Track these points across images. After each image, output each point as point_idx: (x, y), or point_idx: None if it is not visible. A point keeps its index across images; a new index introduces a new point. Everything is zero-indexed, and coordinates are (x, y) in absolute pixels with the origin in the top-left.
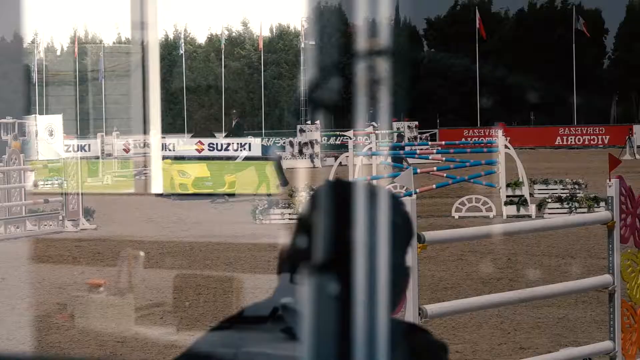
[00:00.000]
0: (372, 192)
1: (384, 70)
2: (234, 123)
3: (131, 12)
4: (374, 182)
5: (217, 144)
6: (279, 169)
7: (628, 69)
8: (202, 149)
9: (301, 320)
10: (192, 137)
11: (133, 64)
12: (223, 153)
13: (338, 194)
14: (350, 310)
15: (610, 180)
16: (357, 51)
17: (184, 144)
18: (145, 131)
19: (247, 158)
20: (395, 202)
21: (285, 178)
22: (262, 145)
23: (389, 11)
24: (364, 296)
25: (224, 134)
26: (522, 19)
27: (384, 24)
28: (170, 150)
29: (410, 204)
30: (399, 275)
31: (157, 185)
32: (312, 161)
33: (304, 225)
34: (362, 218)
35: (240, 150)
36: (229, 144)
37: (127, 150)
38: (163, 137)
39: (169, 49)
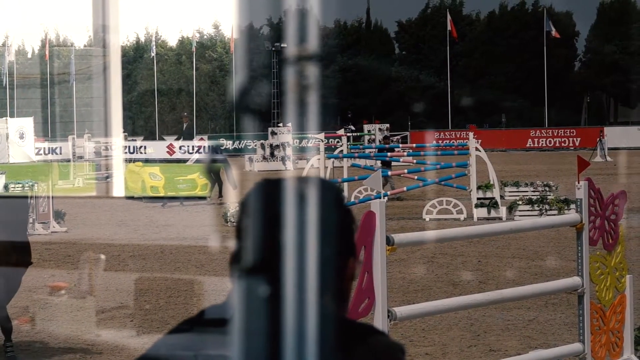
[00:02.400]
0: (301, 186)
1: (313, 75)
2: (184, 126)
3: (93, 15)
4: (305, 175)
5: (188, 146)
6: (228, 171)
7: (599, 71)
8: (174, 152)
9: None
10: (144, 140)
11: (102, 66)
12: (196, 155)
13: (266, 194)
14: (281, 311)
15: (579, 183)
16: (287, 56)
17: (153, 146)
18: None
19: (197, 161)
20: (327, 192)
21: (234, 181)
22: (209, 146)
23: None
24: (294, 295)
25: (174, 137)
26: (493, 22)
27: (313, 28)
28: (141, 153)
29: (379, 207)
30: (340, 266)
31: (119, 188)
32: (284, 164)
33: (240, 229)
34: (291, 215)
35: (214, 152)
36: (200, 147)
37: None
38: (134, 140)
39: (140, 51)
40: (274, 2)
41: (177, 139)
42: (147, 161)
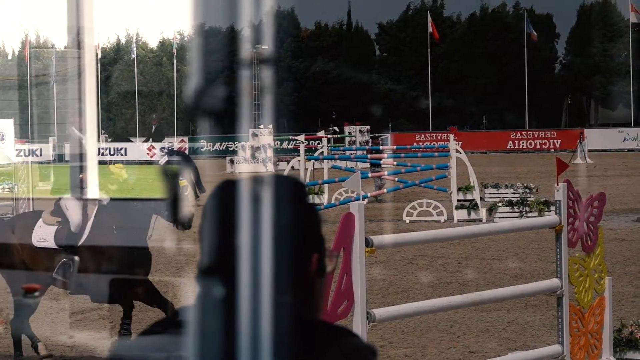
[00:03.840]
0: (262, 185)
1: (267, 77)
2: (153, 128)
3: (67, 16)
4: (266, 174)
5: (169, 148)
6: (196, 174)
7: (579, 73)
8: (154, 154)
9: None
10: (112, 141)
11: (81, 68)
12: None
13: (226, 195)
14: (240, 311)
15: (558, 185)
16: (240, 59)
17: (134, 148)
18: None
19: (168, 162)
20: (288, 189)
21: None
22: (163, 148)
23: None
24: (252, 295)
25: (142, 139)
26: (474, 24)
27: (268, 31)
28: (122, 154)
29: (358, 209)
30: (303, 263)
31: (93, 190)
32: (265, 165)
33: (201, 231)
34: (249, 215)
35: (170, 155)
36: (181, 148)
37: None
38: (112, 141)
39: (121, 53)
40: (256, 4)
41: (145, 141)
42: (127, 163)
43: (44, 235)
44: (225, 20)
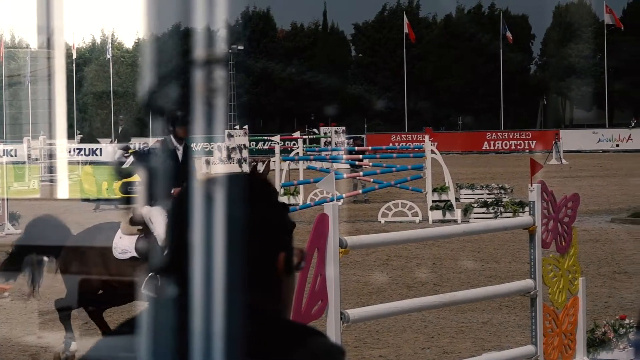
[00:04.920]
0: (225, 186)
1: (219, 78)
2: (120, 129)
3: (37, 16)
4: (232, 174)
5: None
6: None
7: (554, 74)
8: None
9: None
10: (80, 142)
11: (54, 68)
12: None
13: (189, 195)
14: (196, 311)
15: (531, 185)
16: (194, 59)
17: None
18: (68, 136)
19: (104, 163)
20: (250, 188)
21: None
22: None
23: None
24: (212, 295)
25: (109, 140)
26: (449, 25)
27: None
28: (96, 155)
29: (332, 209)
30: (268, 262)
31: (63, 190)
32: (240, 166)
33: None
34: (210, 216)
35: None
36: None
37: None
38: (96, 141)
39: (96, 53)
40: (232, 4)
41: (111, 142)
42: (102, 164)
43: (124, 246)
44: (201, 20)
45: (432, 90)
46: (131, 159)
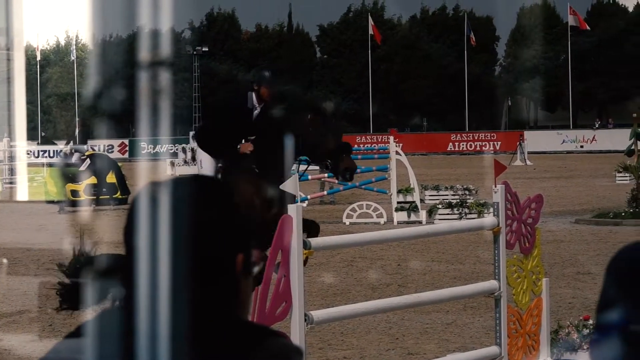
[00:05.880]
0: (181, 187)
1: (164, 80)
2: (77, 131)
3: None
4: (186, 176)
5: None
6: (119, 176)
7: (519, 75)
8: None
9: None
10: (39, 144)
11: (16, 70)
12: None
13: (144, 197)
14: (136, 314)
15: (495, 186)
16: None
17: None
18: (32, 137)
19: (50, 165)
20: (205, 189)
21: (125, 187)
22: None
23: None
24: (159, 297)
25: (64, 142)
26: (414, 26)
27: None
28: (63, 157)
29: (296, 211)
30: (226, 264)
31: (22, 192)
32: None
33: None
34: (164, 217)
35: (69, 156)
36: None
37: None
38: (54, 143)
39: (60, 55)
40: (197, 6)
41: (67, 144)
42: (58, 166)
43: None
44: (165, 22)
45: (397, 91)
46: (87, 161)
